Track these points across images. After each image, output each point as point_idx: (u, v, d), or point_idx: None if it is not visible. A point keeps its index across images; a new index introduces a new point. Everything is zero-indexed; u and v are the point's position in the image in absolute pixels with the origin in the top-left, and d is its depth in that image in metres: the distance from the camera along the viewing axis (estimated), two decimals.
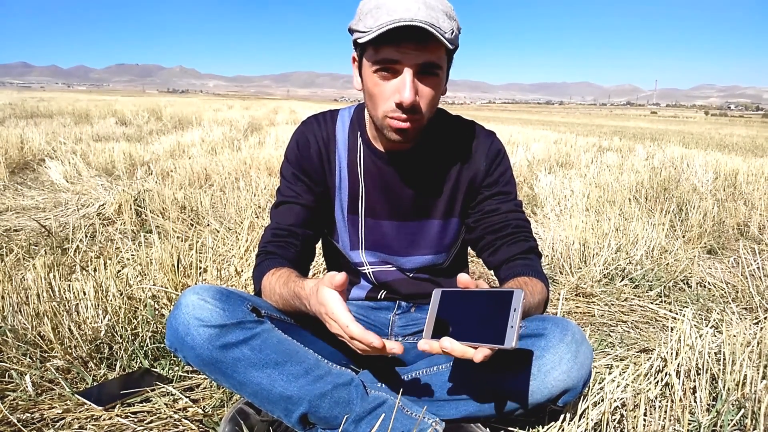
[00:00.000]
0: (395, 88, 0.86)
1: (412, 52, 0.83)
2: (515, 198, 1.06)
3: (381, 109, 0.90)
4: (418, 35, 0.81)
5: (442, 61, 0.87)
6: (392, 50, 0.84)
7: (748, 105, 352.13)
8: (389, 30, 0.80)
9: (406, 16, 0.79)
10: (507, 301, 0.69)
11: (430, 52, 0.84)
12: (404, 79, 0.85)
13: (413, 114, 0.88)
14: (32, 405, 1.12)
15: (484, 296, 0.73)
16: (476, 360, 0.69)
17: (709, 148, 8.13)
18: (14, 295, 1.41)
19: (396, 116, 0.88)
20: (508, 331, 0.67)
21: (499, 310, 0.69)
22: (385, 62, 0.85)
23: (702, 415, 1.07)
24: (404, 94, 0.85)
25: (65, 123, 8.18)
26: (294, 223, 1.03)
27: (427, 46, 0.83)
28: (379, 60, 0.86)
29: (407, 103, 0.85)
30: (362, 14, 0.86)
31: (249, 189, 3.17)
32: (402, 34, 0.81)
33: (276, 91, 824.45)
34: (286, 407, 0.88)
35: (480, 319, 0.71)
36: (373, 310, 1.16)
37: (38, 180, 3.88)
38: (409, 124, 0.89)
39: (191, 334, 0.84)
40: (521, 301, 0.68)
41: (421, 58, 0.84)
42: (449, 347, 0.70)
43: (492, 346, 0.68)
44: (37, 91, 61.69)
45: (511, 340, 0.66)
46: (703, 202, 3.12)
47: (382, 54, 0.85)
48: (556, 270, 2.20)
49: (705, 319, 1.75)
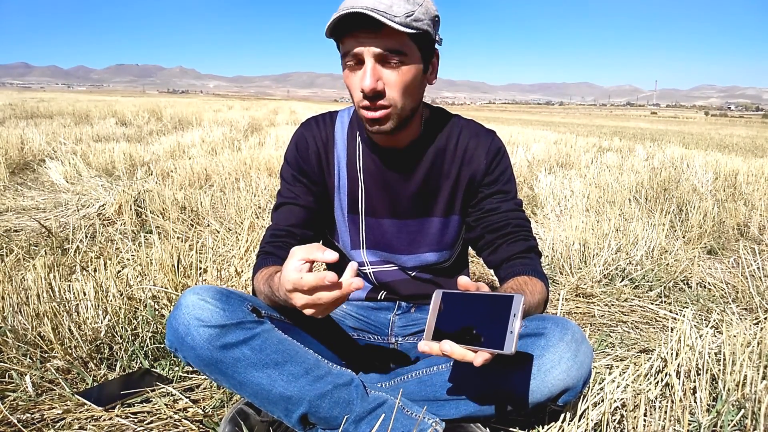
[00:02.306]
0: (359, 78, 0.88)
1: (369, 39, 0.85)
2: (515, 197, 1.06)
3: (355, 101, 0.92)
4: (370, 23, 0.82)
5: (405, 47, 0.87)
6: (352, 41, 0.86)
7: (748, 105, 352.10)
8: (339, 22, 0.83)
9: (354, 4, 0.81)
10: (507, 306, 0.69)
11: (388, 38, 0.85)
12: (365, 67, 0.86)
13: (378, 100, 0.88)
14: (32, 405, 1.12)
15: (484, 299, 0.73)
16: (476, 364, 0.69)
17: (709, 149, 8.13)
18: (14, 296, 1.41)
19: (364, 105, 0.89)
20: (507, 336, 0.68)
21: (498, 314, 0.70)
22: (349, 54, 0.87)
23: (702, 416, 1.07)
24: (364, 81, 0.86)
25: (65, 123, 8.18)
26: (293, 223, 1.03)
27: (380, 32, 0.84)
28: (344, 53, 0.88)
29: (368, 90, 0.86)
30: None
31: (249, 189, 3.17)
32: (353, 22, 0.83)
33: (276, 92, 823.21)
34: (286, 407, 0.88)
35: (480, 323, 0.72)
36: (373, 311, 1.16)
37: (38, 180, 3.88)
38: (379, 113, 0.90)
39: (191, 335, 0.85)
40: (521, 307, 0.68)
41: (380, 45, 0.85)
42: (449, 350, 0.70)
43: (491, 351, 0.69)
44: (37, 91, 61.71)
45: (510, 345, 0.67)
46: (703, 203, 3.12)
47: (345, 46, 0.87)
48: (556, 270, 2.20)
49: (705, 320, 1.75)
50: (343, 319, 1.15)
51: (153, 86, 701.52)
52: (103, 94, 74.62)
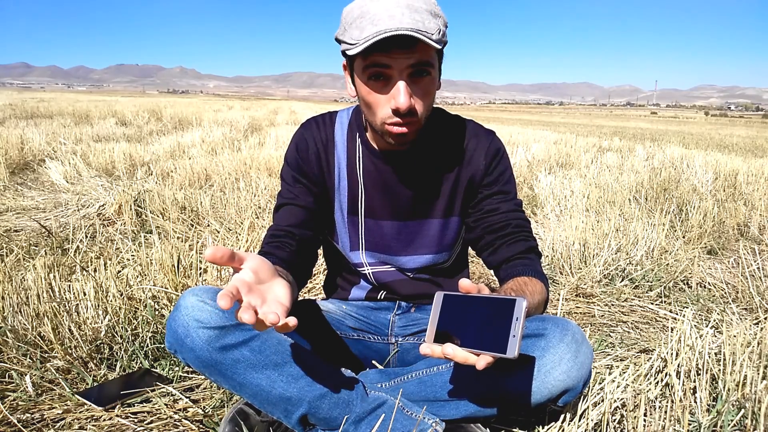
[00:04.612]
0: (390, 96, 0.86)
1: (401, 57, 0.83)
2: (515, 197, 1.06)
3: (378, 117, 0.90)
4: (406, 41, 0.82)
5: (432, 59, 0.87)
6: (382, 57, 0.84)
7: (748, 105, 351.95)
8: (375, 43, 0.81)
9: (391, 25, 0.79)
10: (509, 309, 0.69)
11: (420, 53, 0.84)
12: (398, 86, 0.85)
13: (411, 117, 0.88)
14: (32, 405, 1.12)
15: (486, 302, 0.73)
16: (478, 367, 0.68)
17: (709, 149, 8.12)
18: (14, 296, 1.41)
19: (394, 122, 0.88)
20: (510, 340, 0.67)
21: (501, 317, 0.69)
22: (376, 68, 0.85)
23: (702, 416, 1.07)
24: (399, 99, 0.85)
25: (65, 123, 8.18)
26: (292, 224, 1.03)
27: (414, 49, 0.83)
28: (370, 67, 0.86)
29: (404, 109, 0.85)
30: (347, 24, 0.86)
31: (249, 189, 3.17)
32: (389, 42, 0.81)
33: (276, 92, 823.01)
34: (285, 408, 0.88)
35: (482, 325, 0.71)
36: (373, 311, 1.16)
37: (38, 180, 3.88)
38: (408, 128, 0.89)
39: (191, 336, 0.85)
40: (523, 310, 0.68)
41: (411, 60, 0.84)
42: (452, 354, 0.70)
43: (494, 355, 0.68)
44: (37, 91, 61.73)
45: (513, 349, 0.66)
46: (703, 203, 3.12)
47: (370, 60, 0.85)
48: (556, 270, 2.20)
49: (705, 320, 1.75)
50: (342, 320, 1.15)
51: (153, 86, 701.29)
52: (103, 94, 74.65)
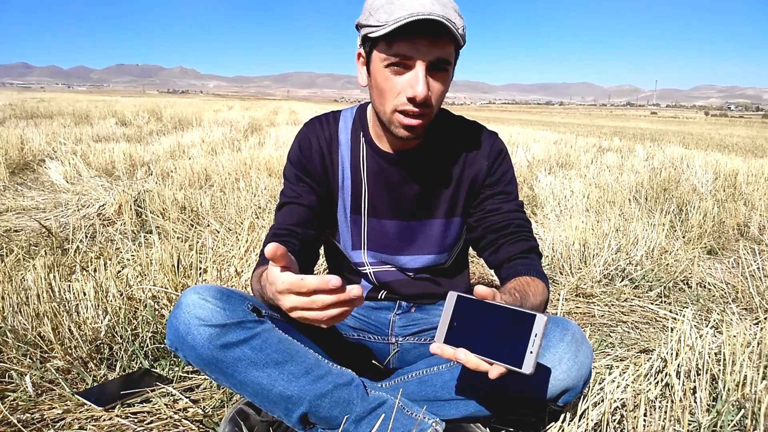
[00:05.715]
0: (407, 83, 0.87)
1: (425, 47, 0.84)
2: (516, 198, 1.07)
3: (391, 104, 0.90)
4: (433, 30, 0.82)
5: (451, 57, 0.88)
6: (406, 45, 0.84)
7: (748, 105, 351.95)
8: (405, 24, 0.81)
9: (423, 11, 0.80)
10: (529, 325, 0.67)
11: (442, 48, 0.85)
12: (417, 74, 0.85)
13: (425, 108, 0.89)
14: (32, 405, 1.12)
15: (504, 312, 0.71)
16: (491, 377, 0.68)
17: (709, 149, 8.13)
18: (14, 296, 1.41)
19: (407, 109, 0.88)
20: (527, 356, 0.66)
21: (519, 331, 0.68)
22: (398, 57, 0.85)
23: (702, 416, 1.07)
24: (417, 88, 0.85)
25: (65, 123, 8.18)
26: (295, 222, 1.03)
27: (439, 41, 0.84)
28: (391, 54, 0.86)
29: (420, 98, 0.85)
30: (373, 10, 0.86)
31: (249, 189, 3.17)
32: (416, 28, 0.82)
33: (276, 92, 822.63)
34: (286, 407, 0.88)
35: (497, 335, 0.70)
36: (373, 310, 1.16)
37: (38, 180, 3.88)
38: (419, 120, 0.90)
39: (192, 334, 0.85)
40: (543, 328, 0.66)
41: (434, 54, 0.85)
42: (464, 359, 0.69)
43: (509, 367, 0.67)
44: (37, 91, 61.72)
45: (529, 365, 0.65)
46: (703, 203, 3.12)
47: (395, 49, 0.85)
48: (556, 270, 2.20)
49: (705, 320, 1.75)
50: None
51: (153, 86, 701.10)
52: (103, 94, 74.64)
